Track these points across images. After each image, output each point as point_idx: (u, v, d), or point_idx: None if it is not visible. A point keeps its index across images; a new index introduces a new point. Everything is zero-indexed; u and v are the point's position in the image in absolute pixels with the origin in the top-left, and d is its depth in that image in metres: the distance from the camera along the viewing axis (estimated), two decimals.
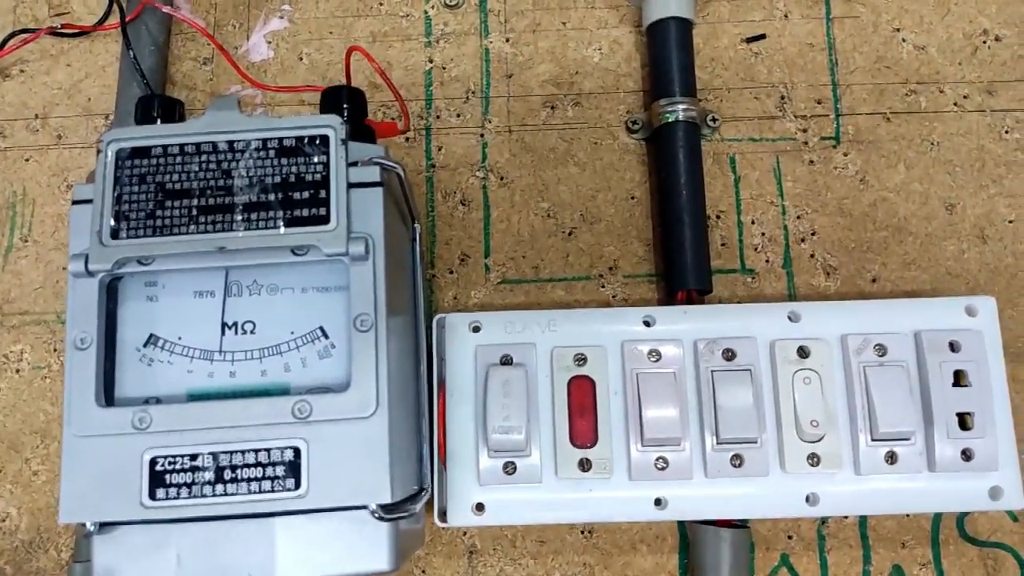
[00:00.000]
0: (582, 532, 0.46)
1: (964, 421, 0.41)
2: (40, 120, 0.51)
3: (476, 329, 0.43)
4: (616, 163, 0.50)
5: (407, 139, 0.51)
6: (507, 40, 0.52)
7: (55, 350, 0.48)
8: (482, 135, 0.51)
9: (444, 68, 0.52)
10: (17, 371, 0.48)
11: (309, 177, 0.33)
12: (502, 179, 0.50)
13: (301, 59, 0.52)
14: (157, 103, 0.36)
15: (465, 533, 0.46)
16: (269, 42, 0.52)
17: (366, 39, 0.52)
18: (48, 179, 0.50)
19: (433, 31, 0.52)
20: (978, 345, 0.42)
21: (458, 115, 0.51)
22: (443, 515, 0.42)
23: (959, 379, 0.42)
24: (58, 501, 0.45)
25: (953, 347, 0.42)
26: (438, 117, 0.51)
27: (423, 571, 0.45)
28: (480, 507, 0.42)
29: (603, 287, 0.49)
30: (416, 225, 0.41)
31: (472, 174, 0.50)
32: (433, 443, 0.42)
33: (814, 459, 0.41)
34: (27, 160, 0.50)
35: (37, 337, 0.48)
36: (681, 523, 0.46)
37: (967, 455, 0.41)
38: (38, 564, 0.45)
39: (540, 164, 0.50)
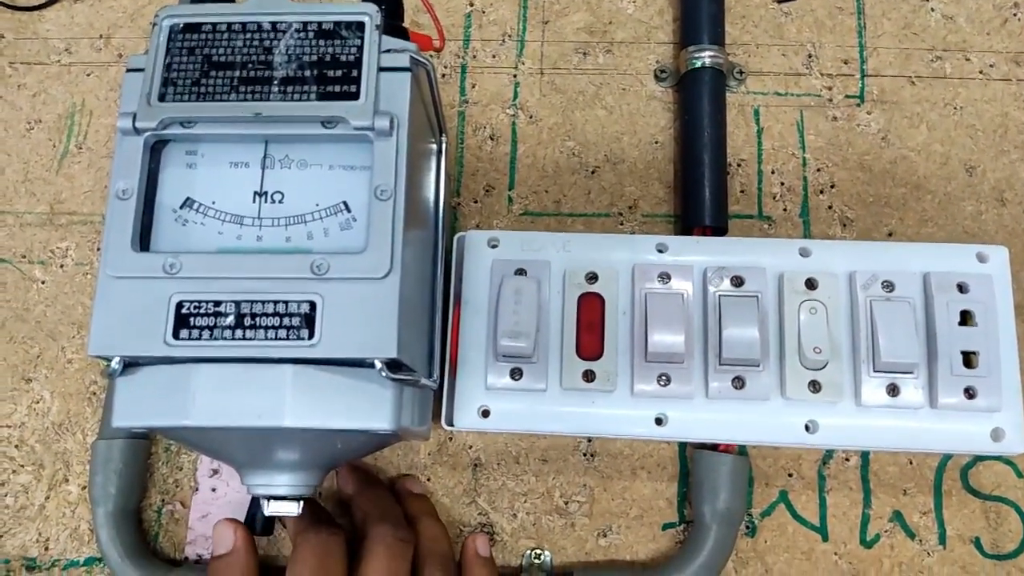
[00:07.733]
0: (585, 455, 0.47)
1: (969, 360, 0.42)
2: (104, 40, 0.55)
3: (494, 245, 0.45)
4: (643, 109, 0.52)
5: (443, 75, 0.53)
6: None
7: (98, 249, 0.50)
8: (515, 76, 0.53)
9: (484, 12, 0.54)
10: (61, 266, 0.50)
11: (343, 57, 0.35)
12: (531, 117, 0.52)
13: None
14: None
15: (471, 447, 0.47)
16: None
17: None
18: (106, 93, 0.53)
19: None
20: (987, 288, 0.42)
21: (493, 56, 0.53)
22: (450, 420, 0.43)
23: (966, 319, 0.42)
24: (88, 387, 0.48)
25: (961, 288, 0.42)
26: (474, 57, 0.53)
27: (428, 479, 0.47)
28: (486, 413, 0.43)
29: (622, 224, 0.50)
30: (443, 138, 0.43)
31: (503, 111, 0.52)
32: (446, 345, 0.43)
33: (815, 386, 0.42)
34: (88, 75, 0.54)
35: (83, 236, 0.51)
36: (682, 453, 0.47)
37: (970, 393, 0.41)
38: (65, 445, 0.47)
39: (569, 106, 0.52)
